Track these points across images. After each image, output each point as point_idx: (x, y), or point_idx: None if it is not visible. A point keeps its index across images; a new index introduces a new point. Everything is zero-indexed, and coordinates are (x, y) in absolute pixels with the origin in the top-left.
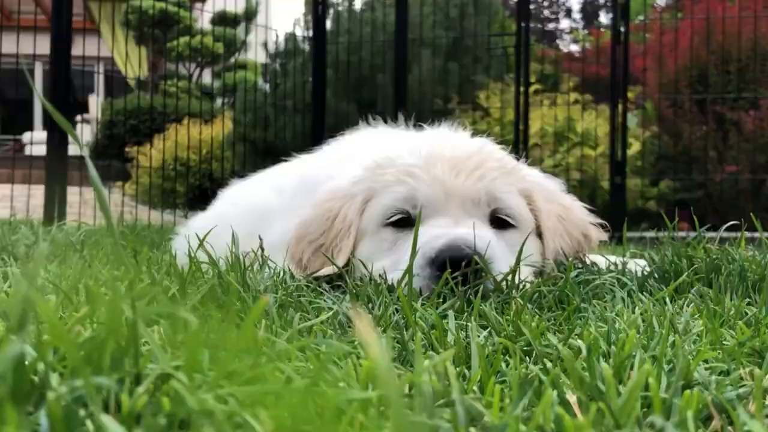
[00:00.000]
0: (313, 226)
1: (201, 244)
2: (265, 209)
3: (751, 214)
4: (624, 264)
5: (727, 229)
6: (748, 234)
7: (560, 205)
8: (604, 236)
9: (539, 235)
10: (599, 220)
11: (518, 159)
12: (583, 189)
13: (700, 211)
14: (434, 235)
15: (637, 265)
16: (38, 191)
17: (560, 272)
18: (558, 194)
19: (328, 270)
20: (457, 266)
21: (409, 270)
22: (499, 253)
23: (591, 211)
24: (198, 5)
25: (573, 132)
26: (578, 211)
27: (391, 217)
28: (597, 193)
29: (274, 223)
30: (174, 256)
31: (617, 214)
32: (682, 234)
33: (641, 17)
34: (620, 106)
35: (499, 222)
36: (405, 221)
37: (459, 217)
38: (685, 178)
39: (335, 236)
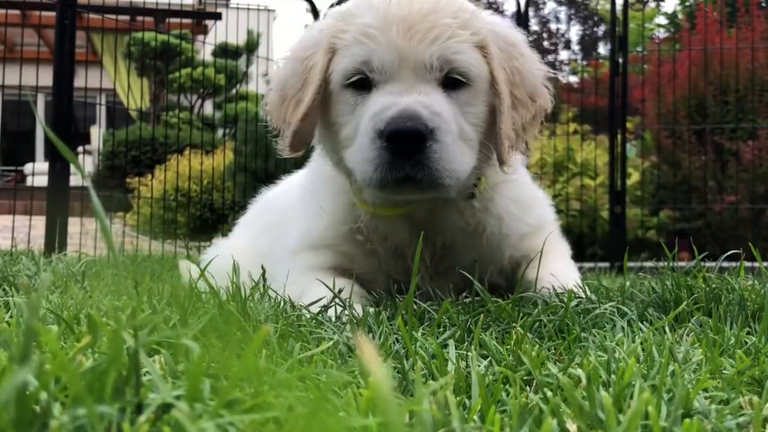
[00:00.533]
0: (290, 82)
1: (202, 274)
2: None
3: (750, 244)
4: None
5: (728, 259)
6: (747, 263)
7: (515, 55)
8: (549, 105)
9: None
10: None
11: None
12: (583, 219)
13: (700, 241)
14: (384, 105)
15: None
16: (39, 222)
17: (560, 301)
18: (515, 42)
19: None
20: (403, 139)
21: None
22: (448, 118)
23: (591, 241)
24: (200, 37)
25: (572, 162)
26: (533, 65)
27: (350, 78)
28: (597, 222)
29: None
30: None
31: (617, 243)
32: (681, 264)
33: (639, 48)
34: (619, 137)
35: (452, 82)
36: (363, 82)
37: (412, 83)
38: (684, 208)
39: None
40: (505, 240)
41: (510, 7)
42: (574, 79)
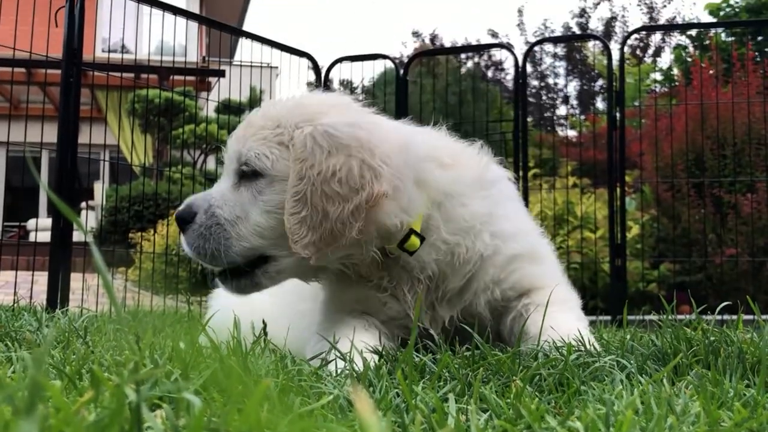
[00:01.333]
0: None
1: (203, 329)
2: None
3: (748, 297)
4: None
5: (728, 311)
6: (749, 316)
7: (341, 154)
8: (384, 193)
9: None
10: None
11: None
12: (584, 272)
13: (701, 294)
14: None
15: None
16: (42, 278)
17: (560, 354)
18: (351, 142)
19: None
20: (182, 221)
21: None
22: (220, 202)
23: (593, 294)
24: (203, 94)
25: (572, 215)
26: (363, 166)
27: None
28: (598, 275)
29: None
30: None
31: (618, 296)
32: (681, 317)
33: (636, 103)
34: (618, 190)
35: (247, 173)
36: None
37: (227, 174)
38: (685, 261)
39: None
40: (489, 261)
41: (509, 62)
42: (572, 133)
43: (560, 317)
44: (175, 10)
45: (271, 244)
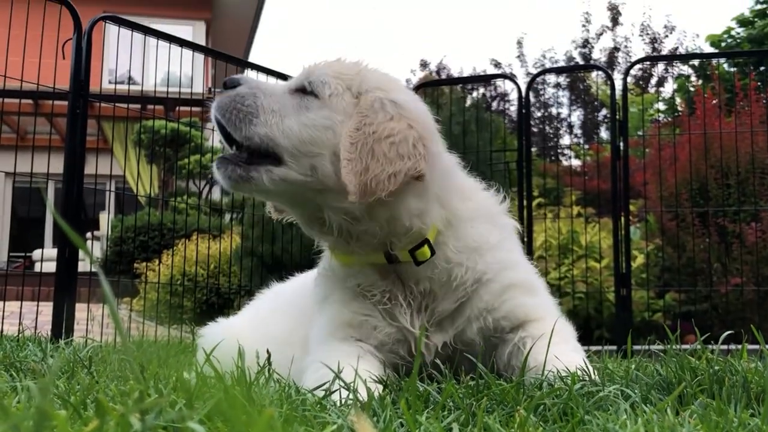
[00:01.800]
0: None
1: (208, 358)
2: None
3: (752, 326)
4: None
5: (734, 341)
6: (754, 346)
7: (396, 119)
8: (423, 172)
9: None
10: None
11: None
12: (589, 301)
13: (706, 323)
14: None
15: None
16: (46, 308)
17: (564, 384)
18: (409, 113)
19: None
20: (224, 85)
21: None
22: (267, 92)
23: (598, 323)
24: (209, 125)
25: (577, 244)
26: (409, 136)
27: None
28: (603, 305)
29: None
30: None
31: (624, 326)
32: (686, 346)
33: (640, 133)
34: (622, 219)
35: (304, 90)
36: None
37: (286, 84)
38: (690, 290)
39: None
40: (485, 287)
41: (512, 92)
42: (576, 162)
43: (556, 349)
44: (182, 42)
45: (291, 152)
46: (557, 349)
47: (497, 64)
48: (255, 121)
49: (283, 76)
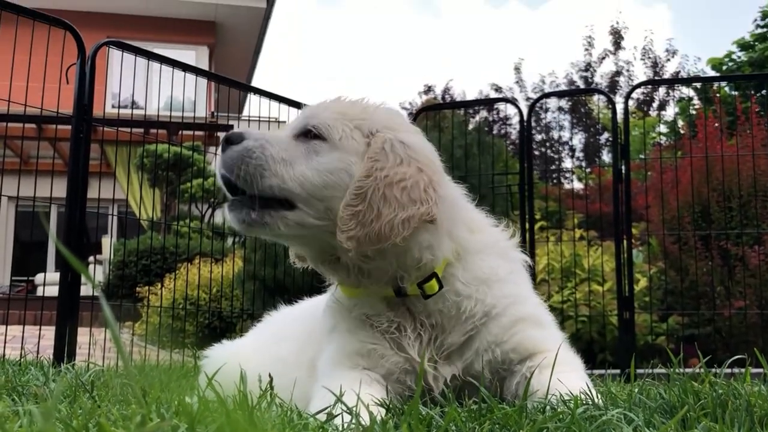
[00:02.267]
0: None
1: (210, 382)
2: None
3: (755, 350)
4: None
5: (738, 364)
6: (758, 369)
7: (406, 163)
8: (434, 215)
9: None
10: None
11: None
12: (592, 325)
13: (710, 347)
14: None
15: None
16: (49, 332)
17: (567, 408)
18: (417, 156)
19: None
20: (228, 141)
21: None
22: (273, 141)
23: (602, 347)
24: (212, 149)
25: (580, 268)
26: (420, 183)
27: None
28: (607, 328)
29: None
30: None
31: (627, 350)
32: (689, 370)
33: (642, 156)
34: (625, 242)
35: (310, 135)
36: None
37: (287, 129)
38: (693, 313)
39: None
40: (494, 321)
41: (514, 115)
42: (579, 185)
43: (564, 377)
44: (185, 67)
45: (305, 198)
46: (563, 376)
47: (498, 89)
48: (266, 173)
49: (285, 101)
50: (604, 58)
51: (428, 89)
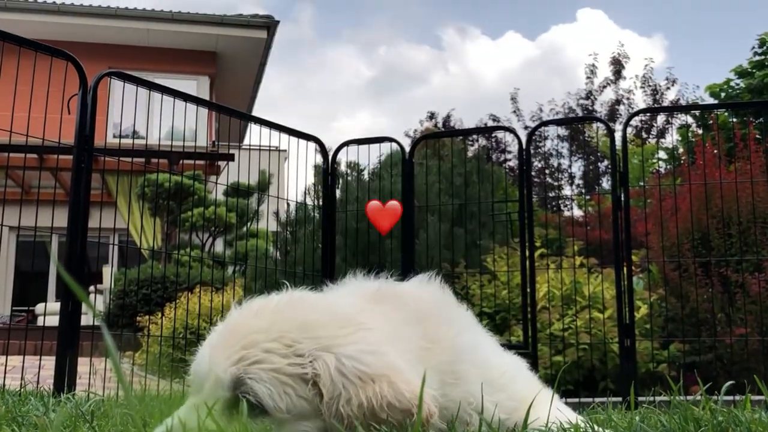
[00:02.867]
0: None
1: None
2: None
3: (755, 376)
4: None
5: (740, 392)
6: (759, 397)
7: (370, 384)
8: (434, 412)
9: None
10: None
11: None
12: (593, 352)
13: (711, 374)
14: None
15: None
16: (49, 362)
17: None
18: (376, 371)
19: None
20: None
21: None
22: None
23: (603, 375)
24: (212, 178)
25: (580, 295)
26: (401, 390)
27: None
28: (608, 356)
29: None
30: None
31: (628, 377)
32: (690, 398)
33: (641, 183)
34: (625, 270)
35: (250, 404)
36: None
37: (206, 398)
38: (694, 341)
39: None
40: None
41: (513, 143)
42: (578, 213)
43: (559, 414)
44: (186, 97)
45: None
46: (559, 413)
47: (495, 119)
48: None
49: (286, 130)
50: (605, 86)
51: (431, 116)
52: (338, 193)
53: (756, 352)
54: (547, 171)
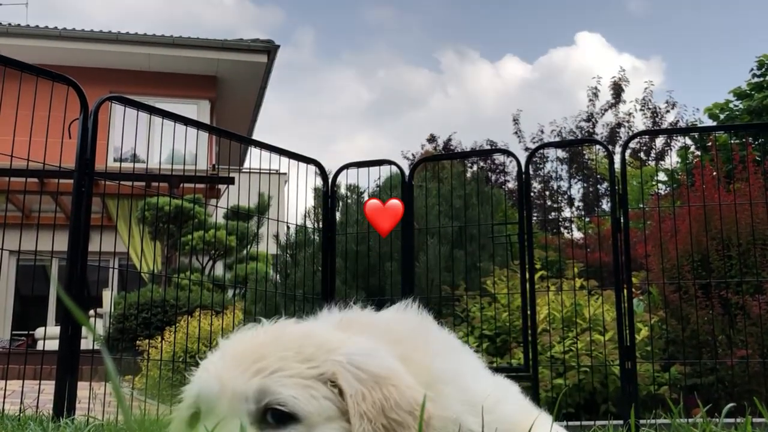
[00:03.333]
0: None
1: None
2: None
3: (755, 398)
4: None
5: (741, 414)
6: (760, 419)
7: (378, 385)
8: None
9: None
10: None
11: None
12: (594, 375)
13: (712, 396)
14: None
15: None
16: (48, 386)
17: None
18: (380, 371)
19: None
20: None
21: None
22: None
23: (604, 398)
24: (212, 201)
25: (581, 317)
26: (404, 391)
27: (188, 411)
28: (609, 378)
29: None
30: None
31: (629, 400)
32: (691, 420)
33: (641, 205)
34: (625, 292)
35: (277, 415)
36: (196, 415)
37: (226, 416)
38: (695, 363)
39: None
40: None
41: (512, 166)
42: (578, 235)
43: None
44: (186, 121)
45: None
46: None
47: (492, 144)
48: None
49: (286, 153)
50: (606, 110)
51: (432, 138)
52: (338, 215)
53: (757, 375)
54: (547, 193)
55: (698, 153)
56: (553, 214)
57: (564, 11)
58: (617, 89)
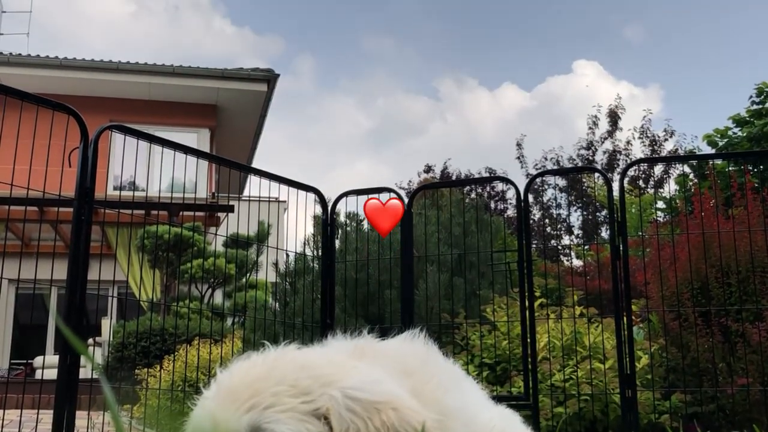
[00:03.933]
0: None
1: None
2: None
3: (755, 426)
4: None
5: None
6: None
7: (377, 411)
8: None
9: None
10: None
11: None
12: (594, 403)
13: (713, 425)
14: None
15: None
16: (47, 416)
17: None
18: (379, 398)
19: None
20: None
21: None
22: None
23: (604, 427)
24: (212, 229)
25: (581, 345)
26: (405, 413)
27: None
28: (609, 407)
29: None
30: None
31: (630, 429)
32: None
33: (640, 232)
34: (625, 319)
35: None
36: None
37: None
38: (696, 391)
39: None
40: None
41: (511, 193)
42: (578, 262)
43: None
44: (186, 149)
45: None
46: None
47: (491, 171)
48: None
49: (286, 181)
50: (606, 138)
51: (428, 168)
52: (337, 243)
53: (758, 403)
54: (546, 220)
55: (696, 180)
56: (552, 241)
57: (561, 39)
58: (614, 117)
